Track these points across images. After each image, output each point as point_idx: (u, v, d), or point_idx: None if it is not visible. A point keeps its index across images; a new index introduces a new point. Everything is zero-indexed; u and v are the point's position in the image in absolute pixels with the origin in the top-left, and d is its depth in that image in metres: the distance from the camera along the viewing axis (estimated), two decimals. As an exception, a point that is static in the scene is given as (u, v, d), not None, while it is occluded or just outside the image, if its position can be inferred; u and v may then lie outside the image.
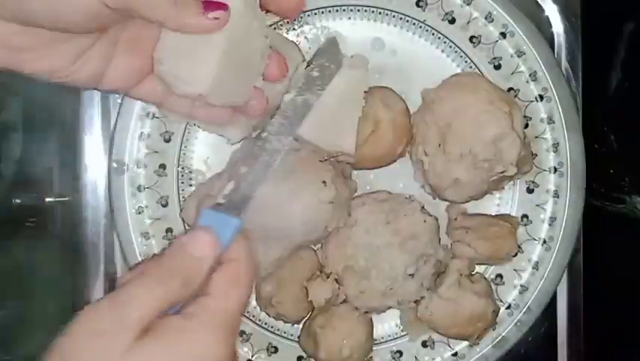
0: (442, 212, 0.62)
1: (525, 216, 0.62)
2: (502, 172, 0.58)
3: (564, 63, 0.64)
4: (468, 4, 0.60)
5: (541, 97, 0.61)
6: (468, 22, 0.61)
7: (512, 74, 0.61)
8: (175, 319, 0.40)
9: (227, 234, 0.43)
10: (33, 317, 0.81)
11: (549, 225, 0.62)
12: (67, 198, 0.63)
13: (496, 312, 0.60)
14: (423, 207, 0.60)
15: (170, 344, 0.39)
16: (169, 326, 0.40)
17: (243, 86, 0.51)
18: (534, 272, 0.62)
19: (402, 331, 0.63)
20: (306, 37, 0.60)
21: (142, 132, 0.59)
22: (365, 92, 0.57)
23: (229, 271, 0.43)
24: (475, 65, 0.61)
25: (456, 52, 0.61)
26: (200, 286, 0.42)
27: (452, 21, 0.61)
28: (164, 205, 0.60)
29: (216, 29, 0.45)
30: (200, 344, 0.40)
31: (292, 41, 0.59)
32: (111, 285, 0.63)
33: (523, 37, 0.60)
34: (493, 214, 0.62)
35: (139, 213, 0.60)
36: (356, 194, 0.60)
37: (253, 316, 0.61)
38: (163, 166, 0.60)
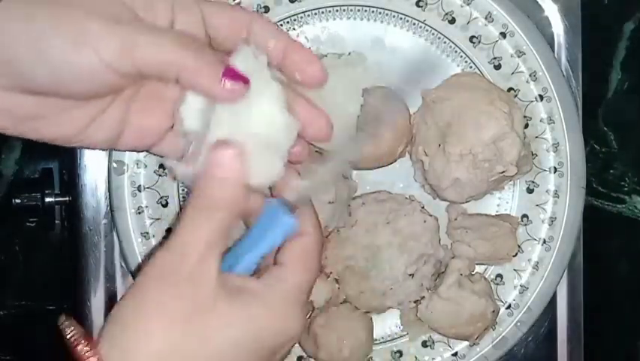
0: (442, 212, 0.62)
1: (525, 216, 0.62)
2: (502, 172, 0.58)
3: (564, 63, 0.64)
4: (468, 4, 0.60)
5: (541, 97, 0.61)
6: (468, 22, 0.61)
7: (512, 74, 0.61)
8: (254, 286, 0.40)
9: (281, 230, 0.42)
10: (33, 317, 0.81)
11: (549, 225, 0.62)
12: (67, 198, 0.63)
13: (496, 312, 0.60)
14: (423, 207, 0.60)
15: (250, 308, 0.39)
16: (248, 291, 0.40)
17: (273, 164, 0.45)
18: (534, 272, 0.62)
19: (402, 331, 0.63)
20: (306, 37, 0.60)
21: (142, 132, 0.59)
22: (364, 89, 0.57)
23: (301, 245, 0.42)
24: (475, 65, 0.61)
25: (456, 52, 0.61)
26: (243, 205, 0.40)
27: (452, 21, 0.61)
28: (164, 205, 0.60)
29: (228, 100, 0.41)
30: (279, 318, 0.40)
31: None
32: (111, 285, 0.63)
33: (523, 37, 0.60)
34: (493, 214, 0.62)
35: (139, 213, 0.60)
36: (356, 194, 0.60)
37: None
38: (163, 166, 0.60)
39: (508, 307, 0.62)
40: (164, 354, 0.38)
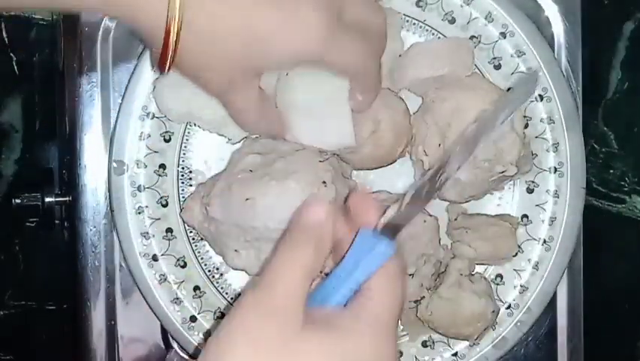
0: (442, 212, 0.62)
1: (525, 216, 0.62)
2: (502, 172, 0.58)
3: (564, 63, 0.64)
4: (468, 4, 0.60)
5: (541, 97, 0.61)
6: (468, 22, 0.61)
7: (512, 74, 0.61)
8: (340, 317, 0.41)
9: (377, 257, 0.42)
10: (33, 317, 0.81)
11: (549, 225, 0.62)
12: (67, 198, 0.63)
13: (496, 312, 0.60)
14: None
15: (339, 341, 0.40)
16: (335, 323, 0.40)
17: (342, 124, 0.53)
18: (534, 272, 0.62)
19: (402, 331, 0.63)
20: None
21: (142, 132, 0.59)
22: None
23: (387, 271, 0.42)
24: (475, 65, 0.61)
25: (456, 52, 0.61)
26: (329, 249, 0.43)
27: (452, 21, 0.61)
28: (164, 205, 0.60)
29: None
30: (372, 349, 0.40)
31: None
32: (111, 285, 0.63)
33: (523, 37, 0.60)
34: (493, 214, 0.62)
35: (139, 213, 0.60)
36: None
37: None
38: (163, 166, 0.60)
39: (508, 307, 0.62)
40: None
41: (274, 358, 0.38)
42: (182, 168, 0.61)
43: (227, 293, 0.61)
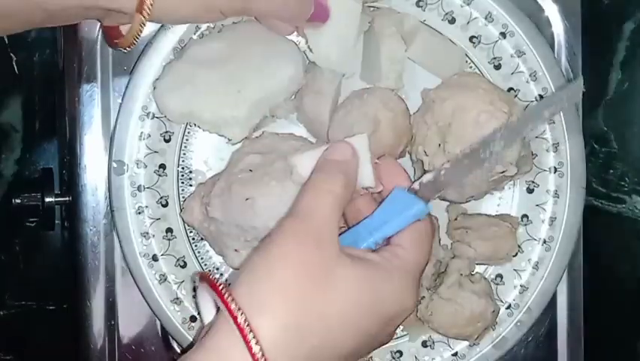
0: (442, 212, 0.62)
1: (525, 216, 0.62)
2: (502, 172, 0.58)
3: (564, 63, 0.64)
4: (468, 4, 0.60)
5: (542, 97, 0.61)
6: (468, 22, 0.61)
7: (512, 74, 0.61)
8: (372, 255, 0.44)
9: (411, 214, 0.47)
10: (33, 317, 0.81)
11: (549, 225, 0.62)
12: (67, 198, 0.63)
13: (496, 312, 0.60)
14: (423, 207, 0.60)
15: (371, 273, 0.43)
16: (368, 258, 0.44)
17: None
18: (534, 272, 0.62)
19: (402, 331, 0.63)
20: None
21: (142, 132, 0.59)
22: (364, 89, 0.57)
23: (418, 230, 0.47)
24: (475, 65, 0.61)
25: (456, 52, 0.61)
26: (355, 184, 0.47)
27: (452, 21, 0.61)
28: (164, 205, 0.60)
29: None
30: (398, 289, 0.43)
31: None
32: (111, 285, 0.63)
33: (523, 37, 0.60)
34: (493, 214, 0.62)
35: (139, 213, 0.60)
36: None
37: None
38: (163, 166, 0.60)
39: (508, 307, 0.62)
40: (291, 303, 0.40)
41: (313, 281, 0.40)
42: (182, 168, 0.61)
43: (227, 293, 0.61)
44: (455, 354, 0.62)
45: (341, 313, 0.41)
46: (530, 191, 0.62)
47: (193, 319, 0.60)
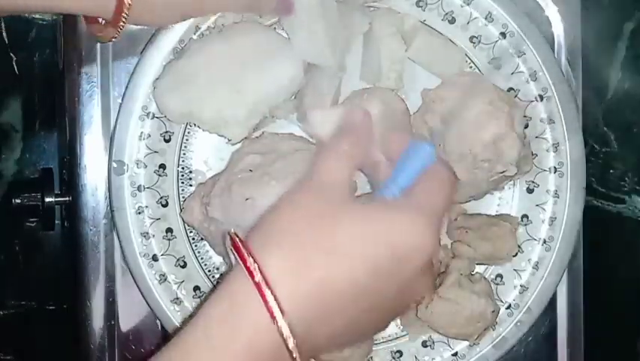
0: (442, 212, 0.62)
1: (525, 216, 0.62)
2: (502, 172, 0.58)
3: (564, 63, 0.64)
4: (468, 4, 0.60)
5: (541, 97, 0.61)
6: (468, 22, 0.61)
7: (512, 74, 0.61)
8: (383, 198, 0.45)
9: (418, 158, 0.47)
10: (33, 317, 0.81)
11: (549, 225, 0.62)
12: (67, 198, 0.63)
13: (496, 312, 0.60)
14: (423, 207, 0.60)
15: (381, 212, 0.43)
16: (380, 200, 0.45)
17: None
18: (534, 272, 0.62)
19: (402, 331, 0.63)
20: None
21: (142, 132, 0.59)
22: (365, 89, 0.57)
23: (429, 174, 0.46)
24: (475, 65, 0.61)
25: (456, 52, 0.61)
26: (368, 141, 0.47)
27: (452, 21, 0.61)
28: (164, 205, 0.60)
29: None
30: (412, 226, 0.42)
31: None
32: (111, 285, 0.63)
33: (523, 37, 0.60)
34: (493, 214, 0.62)
35: (139, 213, 0.60)
36: (356, 194, 0.60)
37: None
38: (163, 166, 0.60)
39: (508, 307, 0.62)
40: (298, 240, 0.41)
41: (320, 220, 0.41)
42: (182, 168, 0.61)
43: (227, 293, 0.61)
44: (455, 354, 0.62)
45: (346, 242, 0.41)
46: (530, 191, 0.62)
47: (193, 319, 0.60)
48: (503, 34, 0.61)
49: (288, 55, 0.56)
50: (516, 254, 0.61)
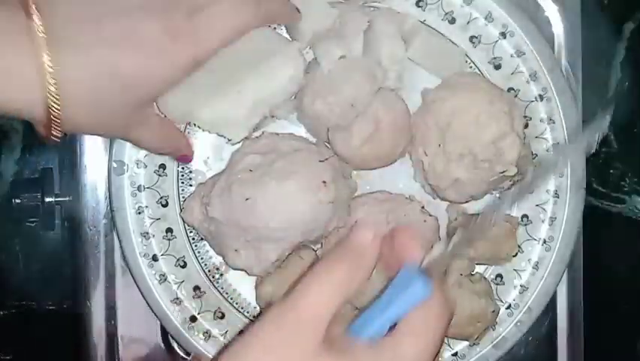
0: (442, 212, 0.62)
1: (525, 216, 0.62)
2: (502, 172, 0.58)
3: (564, 63, 0.64)
4: (468, 4, 0.60)
5: (541, 97, 0.61)
6: (468, 22, 0.61)
7: (512, 74, 0.61)
8: (362, 349, 0.39)
9: (412, 295, 0.41)
10: (33, 317, 0.81)
11: (549, 225, 0.62)
12: (67, 198, 0.63)
13: (496, 312, 0.60)
14: (423, 207, 0.60)
15: None
16: (353, 353, 0.39)
17: None
18: (534, 272, 0.62)
19: (402, 331, 0.62)
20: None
21: (142, 132, 0.59)
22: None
23: (424, 313, 0.40)
24: (475, 65, 0.61)
25: (456, 52, 0.61)
26: (369, 271, 0.41)
27: (452, 21, 0.61)
28: (164, 205, 0.60)
29: None
30: None
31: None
32: (111, 285, 0.63)
33: (523, 37, 0.60)
34: (493, 214, 0.62)
35: (139, 213, 0.60)
36: (356, 194, 0.60)
37: (253, 316, 0.61)
38: (163, 166, 0.60)
39: (508, 307, 0.62)
40: None
41: None
42: (182, 168, 0.61)
43: (227, 293, 0.61)
44: (455, 354, 0.62)
45: None
46: (530, 191, 0.62)
47: (193, 319, 0.60)
48: (503, 34, 0.61)
49: (288, 55, 0.56)
50: (516, 254, 0.61)
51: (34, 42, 0.43)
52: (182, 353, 0.63)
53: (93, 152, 0.62)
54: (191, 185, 0.61)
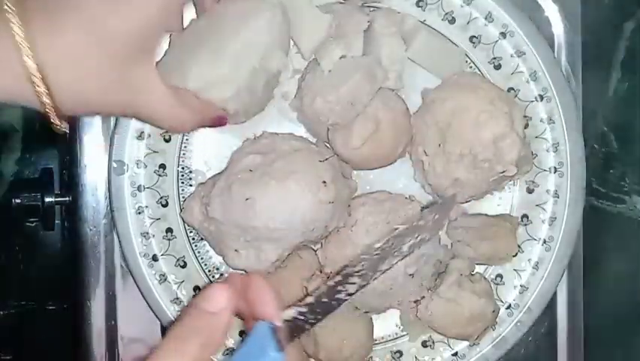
0: (442, 212, 0.62)
1: (525, 216, 0.62)
2: (502, 172, 0.58)
3: (564, 63, 0.64)
4: (468, 4, 0.60)
5: (541, 97, 0.61)
6: (468, 22, 0.61)
7: (512, 74, 0.61)
8: None
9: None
10: (33, 317, 0.81)
11: (549, 225, 0.62)
12: (67, 198, 0.63)
13: (496, 312, 0.60)
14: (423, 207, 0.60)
15: None
16: None
17: None
18: (534, 272, 0.62)
19: (402, 331, 0.63)
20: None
21: (142, 132, 0.59)
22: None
23: None
24: (475, 65, 0.62)
25: (456, 52, 0.61)
26: (222, 340, 0.39)
27: (452, 21, 0.61)
28: (164, 205, 0.60)
29: None
30: None
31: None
32: (111, 285, 0.63)
33: (523, 37, 0.60)
34: (493, 214, 0.62)
35: (139, 213, 0.60)
36: (356, 194, 0.60)
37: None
38: (163, 166, 0.60)
39: (508, 307, 0.62)
40: None
41: None
42: (182, 168, 0.61)
43: (227, 293, 0.61)
44: (455, 354, 0.62)
45: None
46: (530, 191, 0.62)
47: (193, 319, 0.60)
48: (503, 34, 0.61)
49: (262, 3, 0.54)
50: (516, 254, 0.61)
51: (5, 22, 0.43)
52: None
53: (93, 152, 0.62)
54: (191, 185, 0.61)
